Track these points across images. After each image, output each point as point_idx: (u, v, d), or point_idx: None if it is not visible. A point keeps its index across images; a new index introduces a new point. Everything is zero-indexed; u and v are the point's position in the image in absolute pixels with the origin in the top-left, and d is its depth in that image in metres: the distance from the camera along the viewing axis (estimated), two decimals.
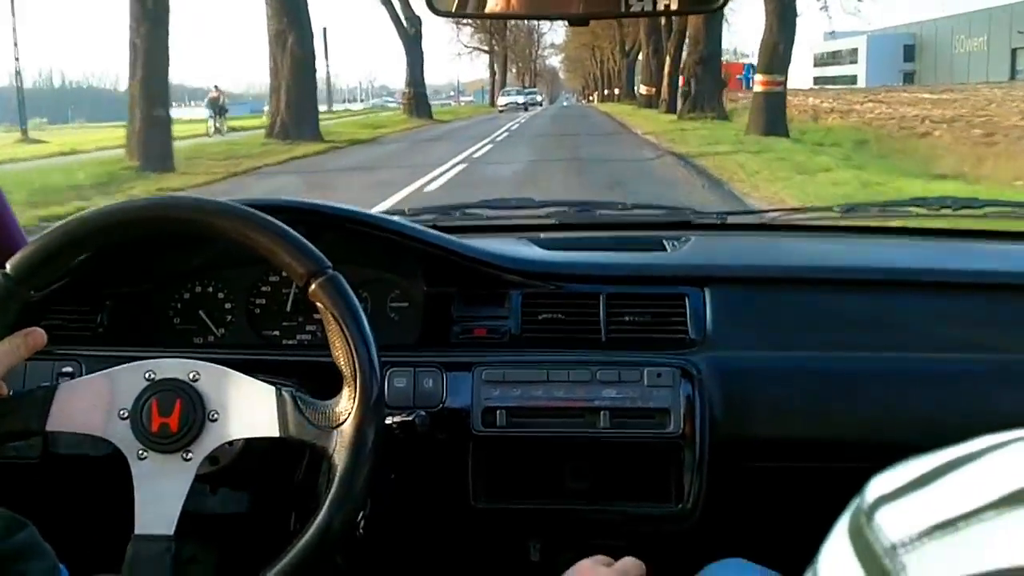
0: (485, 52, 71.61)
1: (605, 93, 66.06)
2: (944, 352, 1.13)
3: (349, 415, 0.81)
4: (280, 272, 1.25)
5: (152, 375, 0.84)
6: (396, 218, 1.23)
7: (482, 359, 1.12)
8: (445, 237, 1.21)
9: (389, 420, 1.00)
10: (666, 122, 19.63)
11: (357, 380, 0.81)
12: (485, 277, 1.21)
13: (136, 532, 0.81)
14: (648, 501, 1.11)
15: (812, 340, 1.15)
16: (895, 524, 0.31)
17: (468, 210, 1.60)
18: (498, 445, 1.11)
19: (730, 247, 1.47)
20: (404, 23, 30.58)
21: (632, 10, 0.91)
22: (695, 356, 1.12)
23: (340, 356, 0.82)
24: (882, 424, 1.10)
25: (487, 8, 0.97)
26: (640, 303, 1.18)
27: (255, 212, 0.84)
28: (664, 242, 1.35)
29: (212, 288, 1.28)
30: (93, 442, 0.86)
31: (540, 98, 54.10)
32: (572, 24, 0.97)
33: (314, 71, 18.08)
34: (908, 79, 53.39)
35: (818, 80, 60.19)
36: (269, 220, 0.84)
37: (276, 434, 0.82)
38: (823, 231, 1.59)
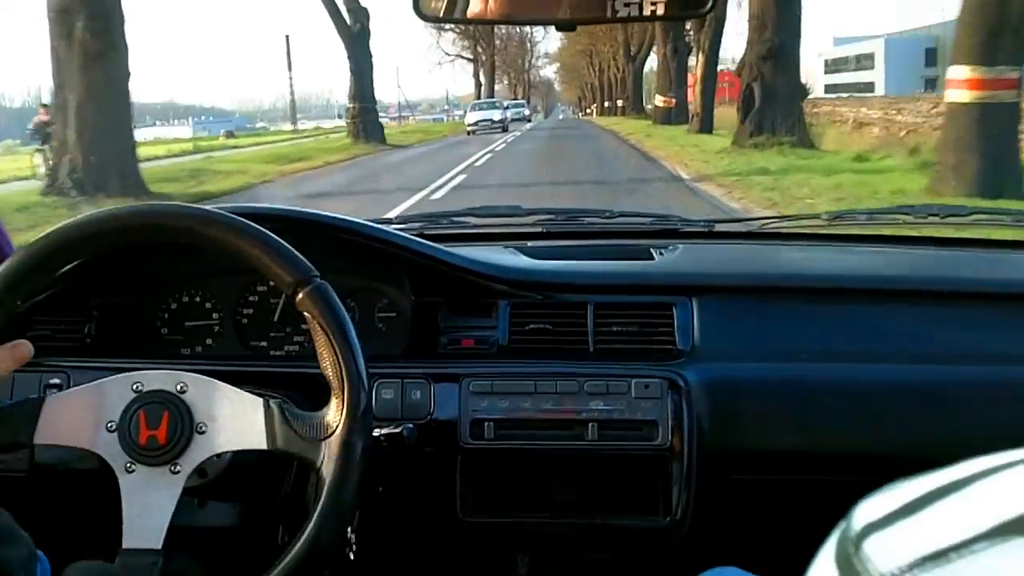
0: (469, 60, 65.01)
1: (606, 105, 58.74)
2: (932, 362, 1.13)
3: (337, 427, 0.80)
4: (268, 282, 1.24)
5: (140, 387, 0.83)
6: (383, 227, 1.22)
7: (470, 370, 1.12)
8: (432, 246, 1.20)
9: (377, 432, 0.99)
10: (716, 151, 12.38)
11: (345, 391, 0.80)
12: (472, 287, 1.20)
13: (124, 546, 0.80)
14: (636, 514, 1.11)
15: (800, 350, 1.14)
16: (884, 554, 0.30)
17: (455, 218, 1.60)
18: (486, 457, 1.10)
19: (718, 256, 1.47)
20: (345, 17, 22.32)
21: (619, 15, 0.90)
22: (683, 367, 1.11)
23: (328, 367, 0.81)
24: (870, 435, 1.10)
25: (474, 13, 0.96)
26: (628, 313, 1.18)
27: (243, 220, 0.84)
28: (652, 251, 1.34)
29: (199, 298, 1.27)
30: (81, 455, 0.85)
31: (527, 112, 45.85)
32: (559, 29, 0.96)
33: (126, 91, 10.77)
34: (930, 85, 47.46)
35: (830, 88, 54.53)
36: (257, 229, 0.83)
37: (264, 446, 0.82)
38: (810, 239, 1.58)
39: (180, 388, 0.83)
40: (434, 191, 10.80)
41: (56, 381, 1.11)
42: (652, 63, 36.70)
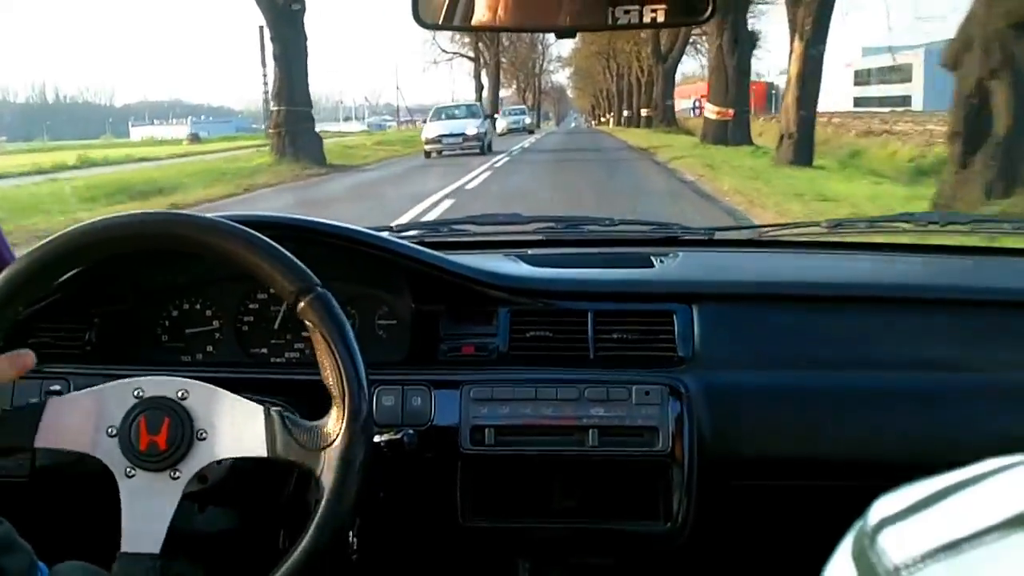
0: (469, 59, 55.24)
1: (625, 115, 49.10)
2: (933, 370, 1.13)
3: (337, 436, 0.80)
4: (268, 290, 1.24)
5: (141, 393, 0.84)
6: (383, 234, 1.23)
7: (470, 377, 1.12)
8: (432, 253, 1.20)
9: (377, 438, 0.99)
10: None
11: (345, 401, 0.80)
12: (473, 294, 1.20)
13: (122, 550, 0.80)
14: (636, 520, 1.11)
15: (800, 357, 1.14)
16: (898, 546, 0.31)
17: (455, 226, 1.60)
18: (486, 463, 1.10)
19: (718, 263, 1.47)
20: None
21: (619, 22, 0.91)
22: (683, 374, 1.11)
23: (329, 375, 0.81)
24: (870, 442, 1.10)
25: (473, 20, 0.96)
26: (628, 320, 1.18)
27: (244, 229, 0.84)
28: (652, 258, 1.34)
29: (200, 305, 1.28)
30: (81, 460, 0.85)
31: (528, 120, 36.43)
32: (559, 37, 0.96)
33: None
34: None
35: (859, 101, 49.13)
36: (258, 237, 0.84)
37: (264, 454, 0.82)
38: (811, 247, 1.58)
39: (181, 395, 0.83)
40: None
41: (56, 388, 1.11)
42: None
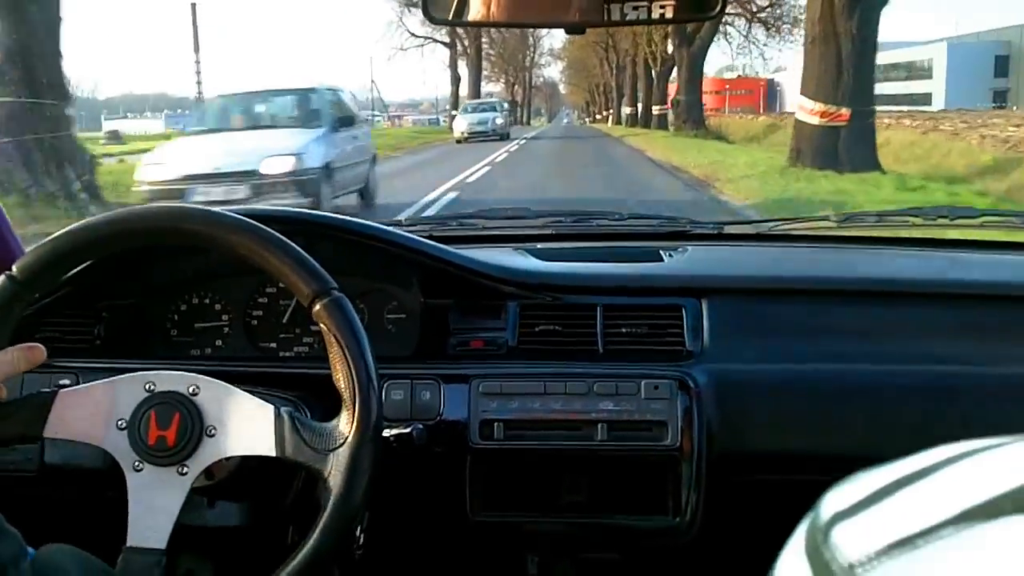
0: (444, 46, 46.48)
1: (626, 112, 43.26)
2: (943, 364, 1.12)
3: (347, 439, 0.80)
4: (277, 284, 1.24)
5: (152, 387, 0.84)
6: (393, 229, 1.23)
7: (479, 371, 1.12)
8: (441, 248, 1.21)
9: (386, 433, 0.99)
10: None
11: (356, 404, 0.80)
12: (482, 288, 1.20)
13: (128, 544, 0.80)
14: (645, 514, 1.11)
15: (809, 351, 1.14)
16: (852, 542, 0.31)
17: (464, 220, 1.60)
18: (495, 458, 1.10)
19: (727, 257, 1.47)
20: None
21: (627, 18, 0.91)
22: (692, 368, 1.11)
23: (340, 379, 0.82)
24: (879, 437, 1.09)
25: (484, 16, 0.96)
26: (637, 314, 1.18)
27: (259, 226, 0.84)
28: (661, 253, 1.34)
29: (209, 300, 1.28)
30: (90, 454, 0.85)
31: (500, 121, 26.72)
32: (568, 32, 0.96)
33: None
34: (999, 99, 40.43)
35: (875, 99, 44.42)
36: (273, 234, 0.84)
37: (272, 453, 0.82)
38: (820, 241, 1.58)
39: (192, 390, 0.83)
40: None
41: (66, 382, 1.11)
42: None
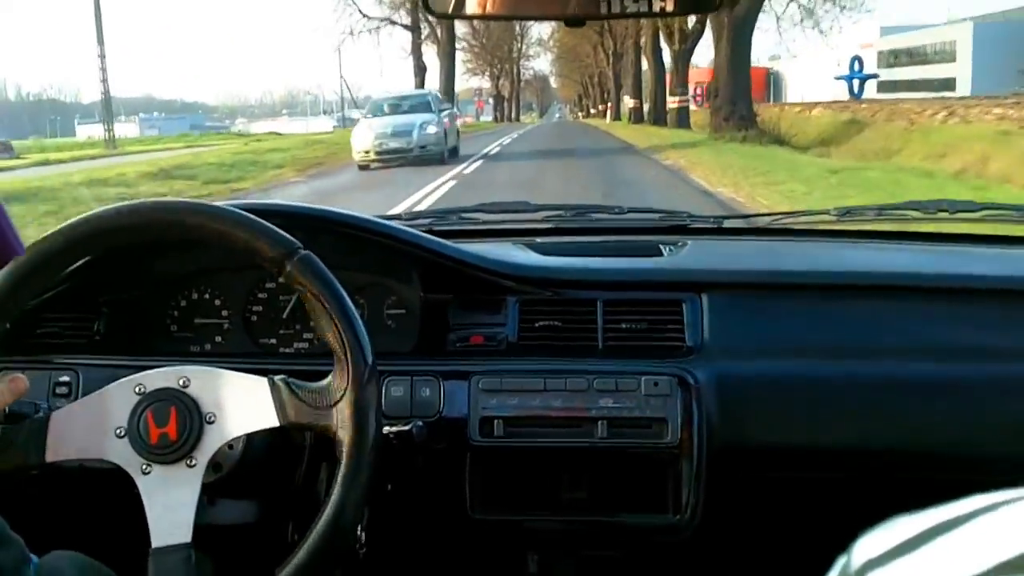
0: (404, 28, 34.66)
1: (630, 105, 34.99)
2: (943, 358, 1.12)
3: (345, 390, 0.80)
4: (277, 279, 1.24)
5: (142, 388, 0.83)
6: (393, 223, 1.22)
7: (479, 367, 1.12)
8: (441, 242, 1.20)
9: (386, 430, 0.99)
10: None
11: (347, 354, 0.80)
12: (482, 283, 1.20)
13: (153, 546, 0.80)
14: (646, 511, 1.11)
15: (809, 347, 1.14)
16: None
17: (464, 215, 1.59)
18: (495, 455, 1.10)
19: (727, 252, 1.46)
20: None
21: (628, 11, 0.90)
22: (692, 364, 1.11)
23: (327, 333, 0.81)
24: (880, 432, 1.09)
25: (484, 9, 0.96)
26: (637, 310, 1.18)
27: (214, 205, 0.84)
28: (661, 247, 1.34)
29: (208, 295, 1.28)
30: (94, 463, 0.85)
31: (432, 131, 14.22)
32: (569, 25, 0.96)
33: None
34: None
35: (884, 86, 40.55)
36: (236, 211, 0.84)
37: (276, 423, 0.82)
38: (819, 235, 1.58)
39: (183, 383, 0.83)
40: None
41: (65, 379, 1.11)
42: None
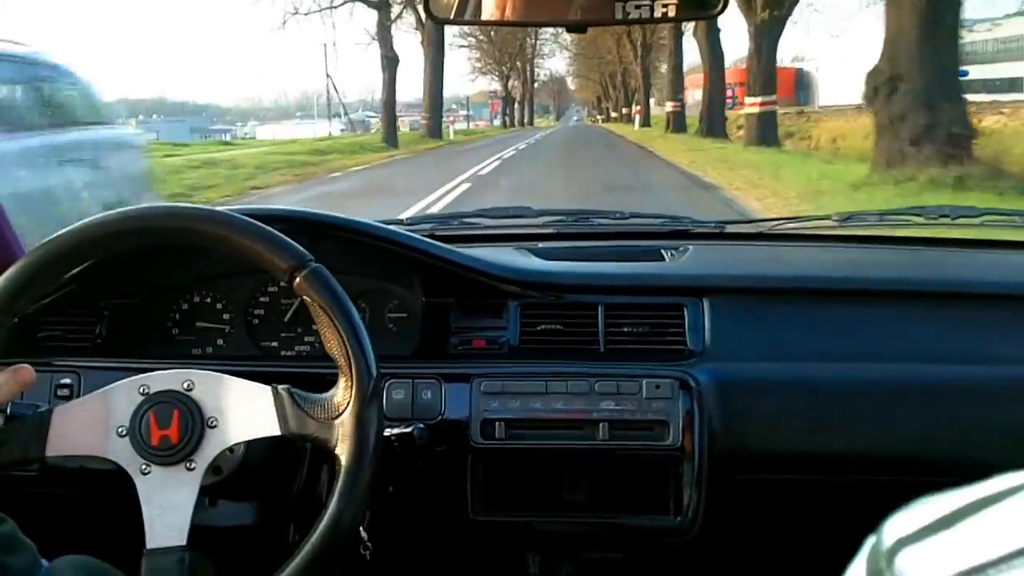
0: (369, 6, 25.98)
1: (670, 110, 26.18)
2: (944, 363, 1.12)
3: (348, 405, 0.80)
4: (279, 283, 1.24)
5: (147, 389, 0.83)
6: (394, 228, 1.23)
7: (480, 370, 1.12)
8: (443, 247, 1.21)
9: (388, 432, 0.99)
10: None
11: (353, 369, 0.80)
12: (483, 287, 1.20)
13: (148, 547, 0.80)
14: (646, 513, 1.11)
15: (810, 351, 1.14)
16: (918, 569, 0.30)
17: (466, 219, 1.60)
18: (497, 457, 1.10)
19: (728, 257, 1.47)
20: None
21: (630, 16, 0.91)
22: (694, 368, 1.11)
23: (333, 347, 0.82)
24: (880, 436, 1.10)
25: (486, 15, 0.96)
26: (639, 314, 1.18)
27: (228, 213, 0.84)
28: (662, 252, 1.34)
29: (210, 299, 1.28)
30: (94, 461, 0.85)
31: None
32: (570, 31, 0.96)
33: None
34: None
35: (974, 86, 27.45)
36: (248, 221, 0.84)
37: (277, 432, 0.82)
38: (821, 240, 1.58)
39: (187, 386, 0.83)
40: None
41: (67, 381, 1.12)
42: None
